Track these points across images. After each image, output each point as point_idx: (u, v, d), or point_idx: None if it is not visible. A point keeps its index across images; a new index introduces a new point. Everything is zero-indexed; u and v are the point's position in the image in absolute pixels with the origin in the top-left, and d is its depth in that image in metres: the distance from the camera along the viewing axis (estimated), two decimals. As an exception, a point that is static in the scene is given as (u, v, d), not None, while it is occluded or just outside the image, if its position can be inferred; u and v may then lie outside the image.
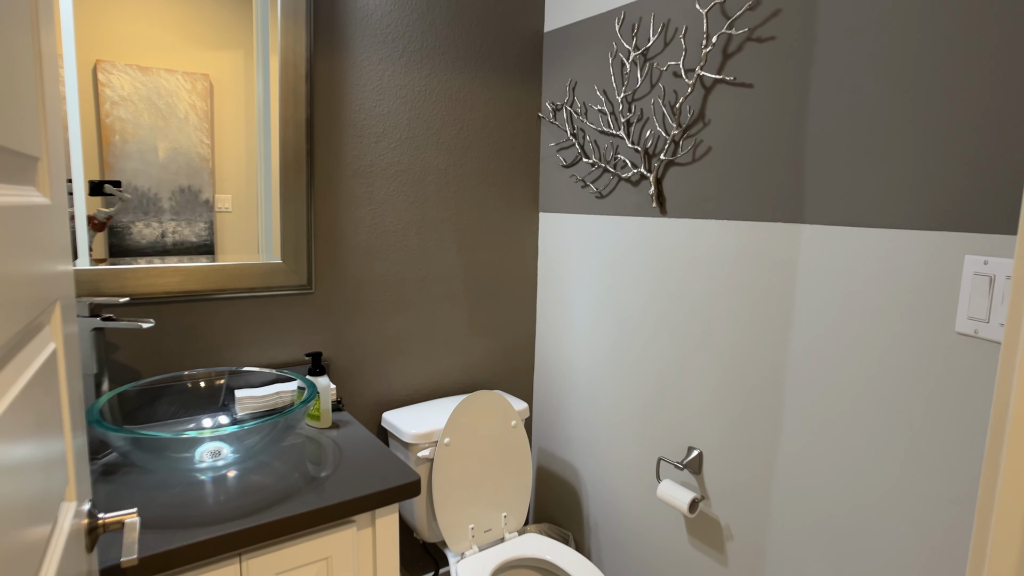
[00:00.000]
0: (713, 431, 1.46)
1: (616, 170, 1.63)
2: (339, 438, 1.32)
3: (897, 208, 0.92)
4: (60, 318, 0.58)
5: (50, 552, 0.54)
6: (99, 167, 1.23)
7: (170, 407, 1.26)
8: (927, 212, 0.85)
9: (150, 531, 0.92)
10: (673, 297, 1.52)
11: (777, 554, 1.32)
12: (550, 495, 2.04)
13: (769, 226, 1.27)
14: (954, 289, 0.79)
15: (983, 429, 0.75)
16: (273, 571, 1.02)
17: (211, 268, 1.36)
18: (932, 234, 0.84)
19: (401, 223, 1.66)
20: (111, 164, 1.24)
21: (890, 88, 1.01)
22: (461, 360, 1.86)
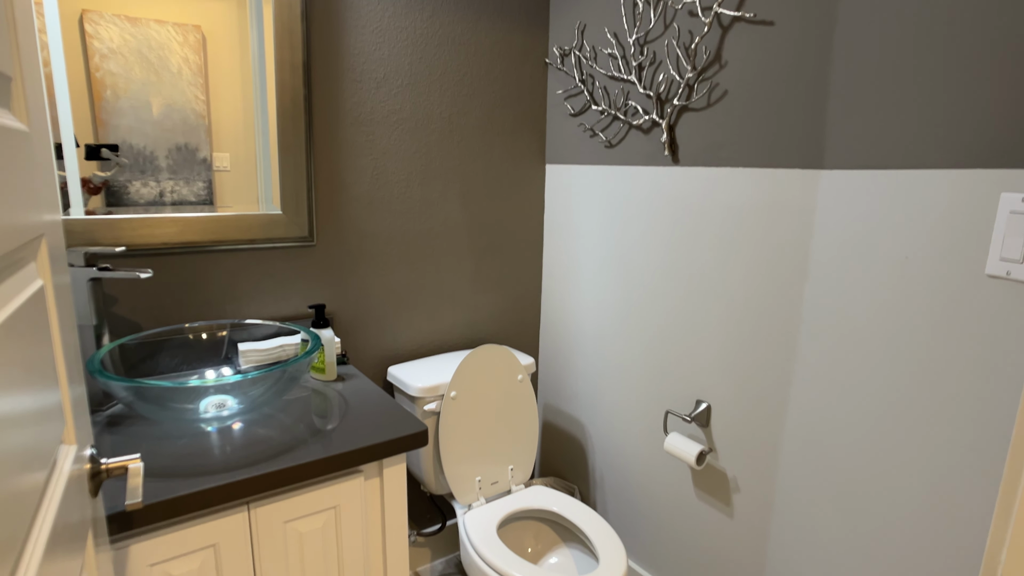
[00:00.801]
0: (722, 384, 1.44)
1: (627, 117, 1.57)
2: (345, 390, 1.31)
3: (927, 147, 0.88)
4: (47, 255, 0.55)
5: (49, 492, 0.53)
6: (92, 124, 1.18)
7: (173, 360, 1.24)
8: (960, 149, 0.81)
9: (157, 480, 0.92)
10: (684, 249, 1.48)
11: (785, 506, 1.32)
12: (556, 450, 2.05)
13: (786, 172, 1.23)
14: (986, 230, 0.76)
15: (1009, 373, 0.73)
16: (281, 519, 1.02)
17: (209, 219, 1.33)
18: (964, 172, 0.79)
19: (404, 173, 1.61)
20: (104, 121, 1.19)
21: (922, 17, 0.95)
22: (466, 315, 1.84)
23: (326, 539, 1.08)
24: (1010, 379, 0.73)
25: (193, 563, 0.94)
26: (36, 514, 0.49)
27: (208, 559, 0.96)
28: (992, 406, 0.76)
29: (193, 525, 0.93)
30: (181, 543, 0.92)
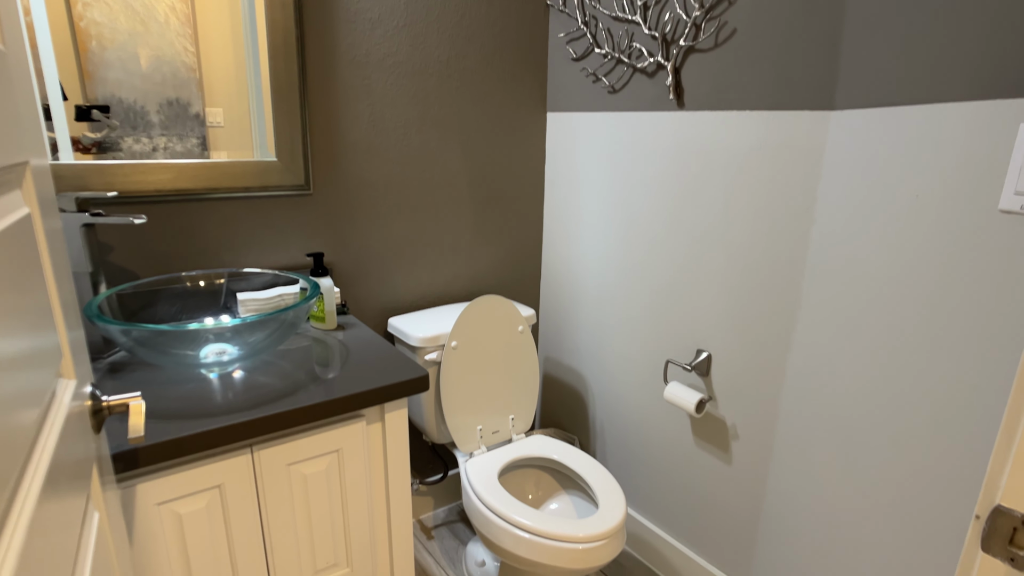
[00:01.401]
0: (724, 333, 1.44)
1: (631, 60, 1.53)
2: (345, 339, 1.31)
3: (944, 79, 0.85)
4: (33, 183, 0.53)
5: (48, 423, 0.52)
6: (79, 78, 1.14)
7: (171, 308, 1.24)
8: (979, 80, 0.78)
9: (160, 421, 0.92)
10: (688, 196, 1.46)
11: (784, 451, 1.34)
12: (556, 402, 2.07)
13: (796, 115, 1.19)
14: (1002, 164, 0.74)
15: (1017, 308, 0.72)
16: (284, 462, 1.03)
17: (203, 165, 1.30)
18: (982, 104, 0.77)
19: (401, 120, 1.58)
20: (91, 73, 1.15)
21: (941, -53, 0.91)
22: (467, 267, 1.83)
23: (330, 482, 1.09)
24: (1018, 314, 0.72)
25: (199, 503, 0.96)
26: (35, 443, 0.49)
27: (214, 499, 0.97)
28: (998, 342, 0.76)
29: (198, 466, 0.94)
30: (187, 483, 0.94)
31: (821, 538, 1.15)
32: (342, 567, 1.16)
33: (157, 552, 0.94)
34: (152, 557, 0.94)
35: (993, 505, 0.55)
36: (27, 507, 0.42)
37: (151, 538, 0.93)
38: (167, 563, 0.95)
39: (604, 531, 1.31)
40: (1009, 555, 0.54)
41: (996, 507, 0.54)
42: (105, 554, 0.67)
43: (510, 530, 1.34)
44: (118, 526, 0.76)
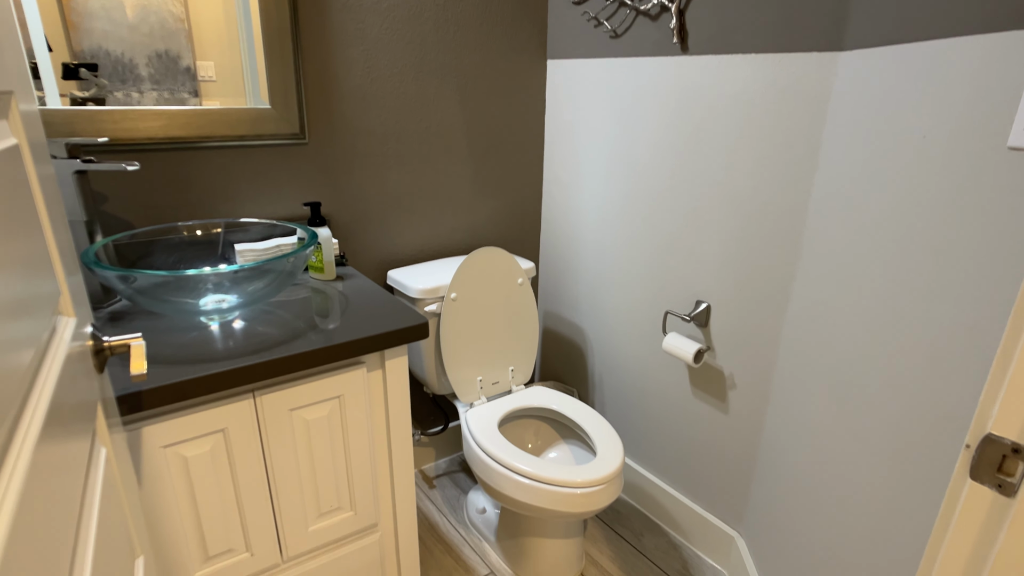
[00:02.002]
0: (723, 283, 1.44)
1: (634, 2, 1.48)
2: (345, 289, 1.31)
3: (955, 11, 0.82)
4: (19, 115, 0.52)
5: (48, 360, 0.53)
6: (63, 28, 1.10)
7: (169, 258, 1.23)
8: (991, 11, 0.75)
9: (162, 366, 0.93)
10: (690, 145, 1.44)
11: (780, 399, 1.35)
12: (556, 355, 2.09)
13: (803, 57, 1.17)
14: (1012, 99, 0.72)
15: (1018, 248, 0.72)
16: (287, 407, 1.04)
17: (195, 112, 1.27)
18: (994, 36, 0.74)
19: (397, 66, 1.54)
20: (76, 24, 1.12)
21: None
22: (466, 219, 1.81)
23: (332, 428, 1.11)
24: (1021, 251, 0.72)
25: (204, 446, 0.98)
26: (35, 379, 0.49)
27: (218, 443, 0.99)
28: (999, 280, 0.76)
29: (201, 410, 0.95)
30: (191, 427, 0.95)
31: (814, 481, 1.18)
32: (345, 511, 1.19)
33: (164, 493, 0.96)
34: (160, 498, 0.96)
35: (984, 434, 0.55)
36: (27, 443, 0.42)
37: (158, 480, 0.95)
38: (175, 504, 0.97)
39: (602, 477, 1.34)
40: (997, 482, 0.56)
41: (987, 435, 0.55)
42: (113, 488, 0.68)
43: (510, 476, 1.37)
44: (125, 464, 0.78)
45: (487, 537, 1.68)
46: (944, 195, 0.83)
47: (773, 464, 1.38)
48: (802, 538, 1.23)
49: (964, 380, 0.81)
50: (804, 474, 1.22)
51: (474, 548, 1.67)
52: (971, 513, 0.59)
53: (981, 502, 0.58)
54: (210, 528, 1.02)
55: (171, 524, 0.98)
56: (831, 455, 1.12)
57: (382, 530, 1.27)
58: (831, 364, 1.13)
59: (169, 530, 0.98)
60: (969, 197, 0.79)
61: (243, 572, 1.09)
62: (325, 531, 1.17)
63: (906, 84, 0.92)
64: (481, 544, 1.68)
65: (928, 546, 0.65)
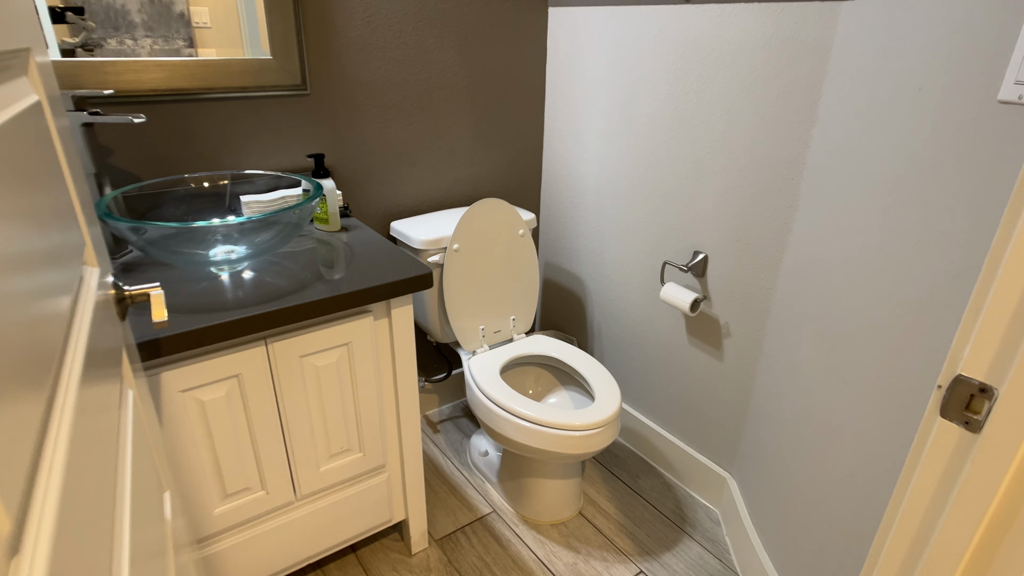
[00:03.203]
0: (721, 234, 1.47)
1: (635, -52, 1.45)
2: (350, 240, 1.33)
3: (954, -36, 0.82)
4: (38, 72, 0.54)
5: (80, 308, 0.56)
6: None
7: (177, 210, 1.26)
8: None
9: (177, 315, 0.97)
10: (691, 96, 1.44)
11: (772, 346, 1.40)
12: (556, 306, 2.13)
13: (806, 6, 1.15)
14: (1005, 53, 0.73)
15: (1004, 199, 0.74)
16: (297, 354, 1.09)
17: (197, 63, 1.27)
18: (990, -12, 0.75)
19: (397, 15, 1.52)
20: None
21: None
22: (467, 171, 1.82)
23: (340, 373, 1.16)
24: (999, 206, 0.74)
25: (220, 391, 1.03)
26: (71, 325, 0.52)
27: (233, 388, 1.04)
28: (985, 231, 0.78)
29: (216, 357, 1.00)
30: (207, 372, 1.00)
31: (802, 424, 1.24)
32: (355, 452, 1.26)
33: (183, 435, 1.01)
34: (180, 440, 1.02)
35: (954, 375, 0.59)
36: (72, 384, 0.46)
37: (177, 422, 1.00)
38: (193, 445, 1.03)
39: (600, 420, 1.40)
40: (964, 419, 0.60)
41: (957, 376, 0.59)
42: (141, 428, 0.73)
43: (512, 420, 1.43)
44: (148, 408, 0.83)
45: (489, 478, 1.76)
46: (937, 147, 0.85)
47: (764, 408, 1.44)
48: (789, 478, 1.30)
49: (947, 326, 0.85)
50: (793, 417, 1.28)
51: (477, 488, 1.75)
52: (940, 448, 0.63)
53: (949, 438, 0.62)
54: (228, 468, 1.09)
55: (191, 464, 1.04)
56: (819, 399, 1.17)
57: (389, 471, 1.34)
58: (822, 312, 1.16)
59: (189, 470, 1.04)
60: (960, 149, 0.81)
61: (259, 509, 1.17)
62: (335, 471, 1.24)
63: (905, 35, 0.92)
64: (484, 485, 1.77)
65: (900, 478, 0.70)
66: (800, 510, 1.24)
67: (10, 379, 0.33)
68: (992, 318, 0.53)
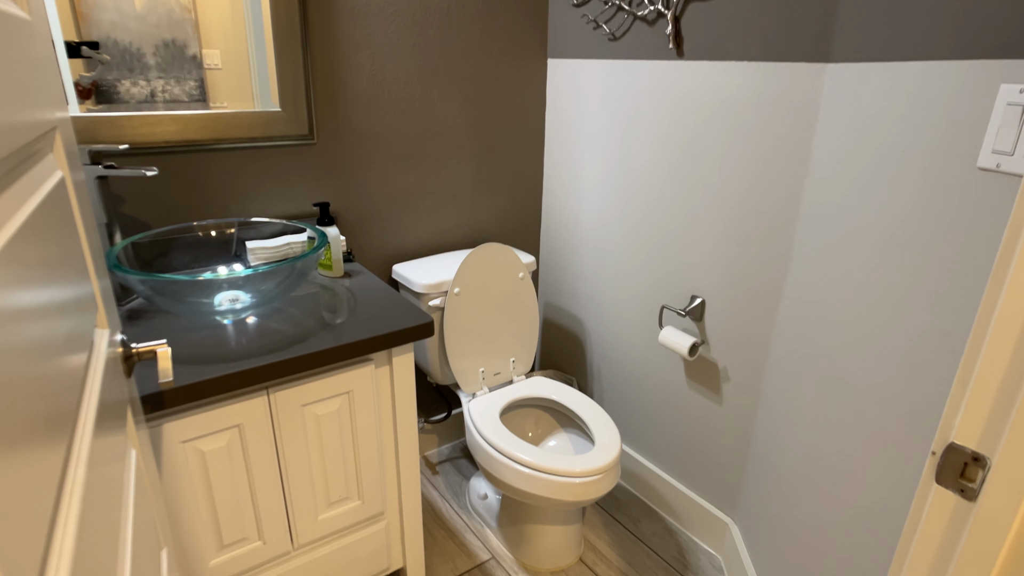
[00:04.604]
0: (718, 280, 1.49)
1: (631, 8, 1.51)
2: (352, 286, 1.35)
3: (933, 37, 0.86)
4: (63, 149, 0.57)
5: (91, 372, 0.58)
6: (73, 20, 1.14)
7: (184, 257, 1.28)
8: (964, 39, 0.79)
9: (181, 366, 0.98)
10: (686, 146, 1.48)
11: (771, 393, 1.41)
12: (555, 345, 2.14)
13: (793, 67, 1.20)
14: (982, 123, 0.76)
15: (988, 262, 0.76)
16: (299, 403, 1.10)
17: (209, 116, 1.31)
18: (967, 63, 0.78)
19: (402, 70, 1.57)
20: (85, 15, 1.15)
21: None
22: (469, 215, 1.86)
23: (341, 422, 1.17)
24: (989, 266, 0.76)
25: (221, 441, 1.03)
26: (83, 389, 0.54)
27: (234, 437, 1.05)
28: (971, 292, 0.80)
29: (218, 407, 1.01)
30: (209, 423, 1.01)
31: (802, 472, 1.24)
32: (353, 500, 1.25)
33: (183, 486, 1.02)
34: (179, 490, 1.02)
35: (947, 443, 0.60)
36: (84, 447, 0.48)
37: (177, 473, 1.00)
38: (192, 495, 1.03)
39: (600, 466, 1.40)
40: (959, 487, 0.61)
41: (950, 444, 0.60)
42: (143, 486, 0.74)
43: (511, 465, 1.43)
44: (149, 461, 0.83)
45: (488, 523, 1.75)
46: (922, 208, 0.87)
47: (765, 454, 1.44)
48: (791, 527, 1.29)
49: (940, 383, 0.86)
50: (794, 465, 1.28)
51: (476, 534, 1.73)
52: (937, 515, 0.64)
53: (946, 505, 0.63)
54: (225, 518, 1.08)
55: (189, 515, 1.04)
56: (819, 448, 1.18)
57: (388, 518, 1.33)
58: (819, 361, 1.18)
59: (187, 520, 1.04)
60: (944, 212, 0.83)
61: (256, 559, 1.16)
62: (334, 520, 1.23)
63: (888, 101, 0.95)
64: (483, 530, 1.75)
65: (900, 543, 0.70)
66: (802, 560, 1.24)
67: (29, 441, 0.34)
68: (980, 389, 0.55)
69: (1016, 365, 0.53)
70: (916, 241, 0.89)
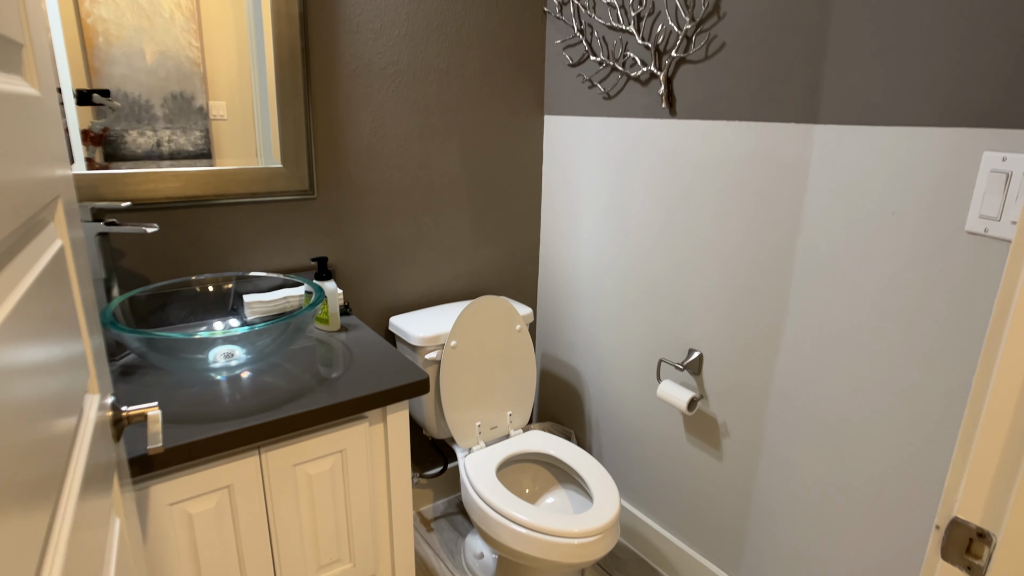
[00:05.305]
0: (715, 334, 1.49)
1: (625, 69, 1.56)
2: (348, 340, 1.35)
3: (916, 104, 0.89)
4: (64, 216, 0.58)
5: (79, 439, 0.57)
6: (85, 72, 1.17)
7: (181, 311, 1.28)
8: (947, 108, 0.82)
9: (171, 425, 0.97)
10: (680, 201, 1.50)
11: (771, 449, 1.39)
12: (553, 396, 2.12)
13: (781, 127, 1.23)
14: (968, 188, 0.78)
15: (982, 326, 0.76)
16: (291, 463, 1.08)
17: (211, 173, 1.34)
18: (950, 131, 0.81)
19: (402, 127, 1.61)
20: (97, 69, 1.19)
21: (923, -28, 0.94)
22: (466, 267, 1.87)
23: (334, 481, 1.14)
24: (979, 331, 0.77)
25: (209, 503, 1.01)
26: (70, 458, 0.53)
27: (223, 499, 1.02)
28: (967, 356, 0.80)
29: (208, 468, 0.99)
30: (197, 484, 0.98)
31: (805, 533, 1.21)
32: (344, 563, 1.21)
33: (168, 550, 0.99)
34: (164, 555, 0.99)
35: (951, 517, 0.59)
36: (67, 517, 0.47)
37: (163, 537, 0.97)
38: (177, 560, 1.00)
39: (598, 527, 1.36)
40: (966, 563, 0.59)
41: (953, 519, 0.59)
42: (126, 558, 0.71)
43: (508, 525, 1.39)
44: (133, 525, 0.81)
45: (484, 584, 1.69)
46: (913, 270, 0.88)
47: (767, 513, 1.40)
48: (794, 592, 1.25)
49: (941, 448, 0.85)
50: (796, 525, 1.25)
51: (471, 595, 1.67)
52: (942, 587, 0.62)
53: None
54: (213, 582, 1.05)
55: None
56: (821, 508, 1.15)
57: (381, 581, 1.29)
58: (818, 418, 1.16)
59: (173, 585, 1.01)
60: (936, 273, 0.84)
61: (243, 625, 1.11)
62: (325, 583, 1.19)
63: (876, 162, 0.98)
64: (478, 591, 1.69)
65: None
66: (808, 630, 1.19)
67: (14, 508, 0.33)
68: (981, 462, 0.54)
69: (1015, 438, 0.52)
70: (910, 302, 0.90)
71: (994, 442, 0.53)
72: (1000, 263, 0.74)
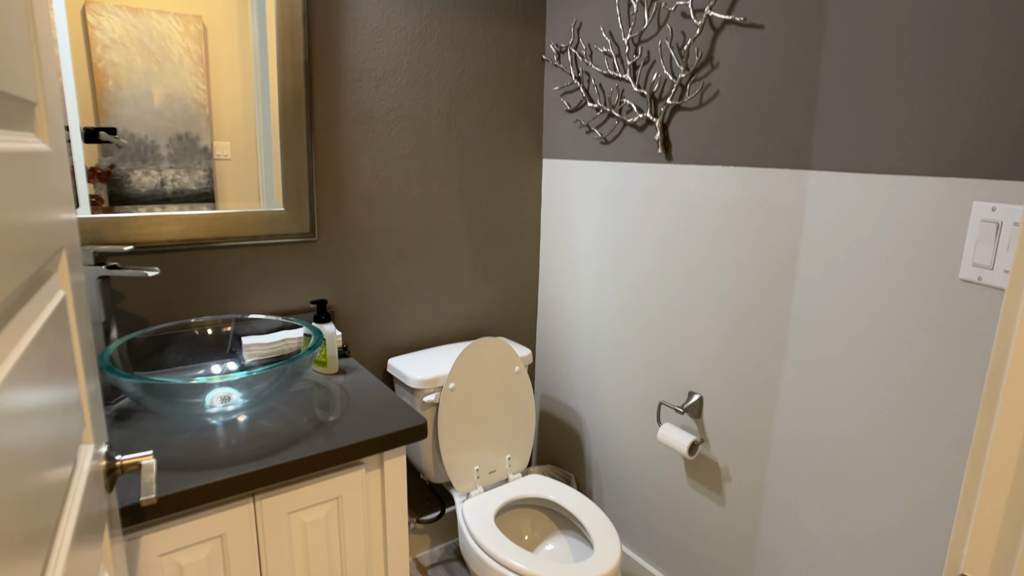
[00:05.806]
0: (714, 377, 1.48)
1: (621, 115, 1.60)
2: (346, 384, 1.34)
3: (907, 153, 0.91)
4: (67, 266, 0.58)
5: (72, 491, 0.56)
6: (93, 114, 1.20)
7: (179, 354, 1.28)
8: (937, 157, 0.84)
9: (165, 472, 0.95)
10: (677, 244, 1.51)
11: (774, 495, 1.36)
12: (553, 438, 2.09)
13: (776, 172, 1.26)
14: (960, 236, 0.79)
15: (980, 374, 0.76)
16: (285, 510, 1.06)
17: (213, 216, 1.35)
18: (940, 180, 0.82)
19: (403, 171, 1.64)
20: (105, 111, 1.21)
21: (903, 30, 0.98)
22: (465, 308, 1.87)
23: (329, 529, 1.12)
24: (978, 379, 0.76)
25: (201, 553, 0.98)
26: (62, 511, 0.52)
27: (215, 549, 1.00)
28: (967, 404, 0.80)
29: (201, 517, 0.97)
30: (189, 534, 0.96)
31: (810, 585, 1.18)
32: (339, 612, 1.18)
33: (160, 601, 0.96)
34: (155, 606, 0.96)
35: (957, 574, 0.58)
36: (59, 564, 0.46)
37: (154, 587, 0.95)
38: (169, 611, 0.97)
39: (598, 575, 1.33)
40: (973, 618, 0.58)
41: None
42: (115, 610, 0.69)
43: (507, 574, 1.36)
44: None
45: (482, 636, 1.64)
46: (909, 317, 0.89)
47: (771, 562, 1.37)
48: (801, 646, 1.21)
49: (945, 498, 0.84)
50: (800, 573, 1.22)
51: (468, 648, 1.62)
52: (952, 645, 0.60)
53: (960, 635, 0.60)
54: (202, 636, 1.01)
55: (164, 633, 0.97)
56: (824, 559, 1.13)
57: (375, 633, 1.25)
58: (820, 465, 1.15)
59: (161, 639, 0.97)
60: (932, 320, 0.84)
61: None
62: (317, 636, 1.15)
63: (869, 209, 0.99)
64: (475, 643, 1.63)
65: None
66: None
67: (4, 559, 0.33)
68: (984, 518, 0.53)
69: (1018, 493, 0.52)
70: (909, 348, 0.90)
71: (998, 496, 0.52)
72: (995, 311, 0.74)
